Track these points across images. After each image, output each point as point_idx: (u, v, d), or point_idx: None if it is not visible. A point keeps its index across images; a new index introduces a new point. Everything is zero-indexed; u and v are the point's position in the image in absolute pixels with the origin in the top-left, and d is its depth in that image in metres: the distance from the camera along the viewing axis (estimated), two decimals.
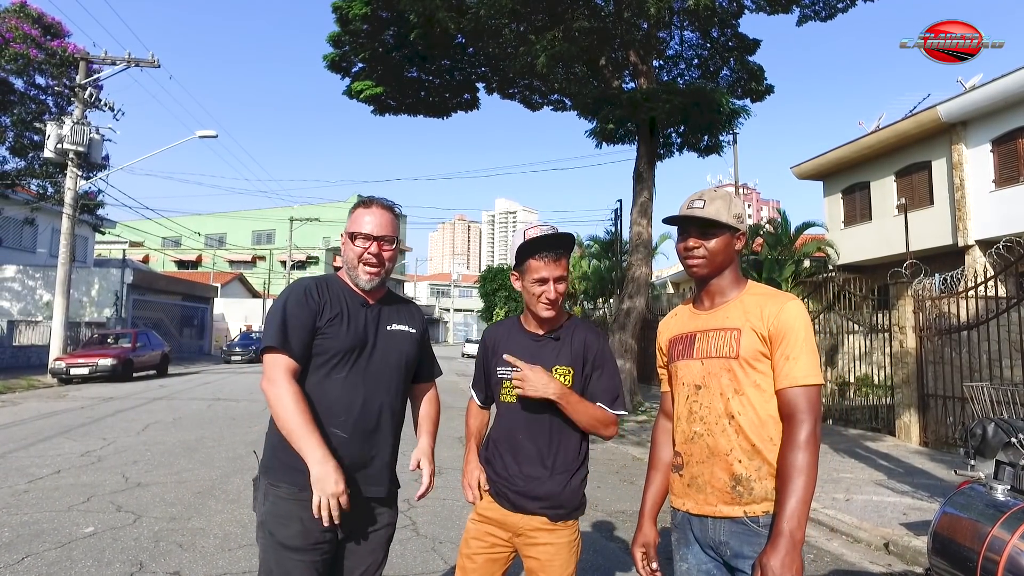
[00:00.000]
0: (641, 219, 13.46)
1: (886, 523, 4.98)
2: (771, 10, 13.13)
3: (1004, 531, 1.70)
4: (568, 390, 1.97)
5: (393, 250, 1.99)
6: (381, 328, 2.00)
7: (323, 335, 1.89)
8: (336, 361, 1.91)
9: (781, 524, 1.53)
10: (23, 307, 24.37)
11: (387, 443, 2.02)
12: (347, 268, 2.00)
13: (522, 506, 2.02)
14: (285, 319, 1.86)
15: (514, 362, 2.00)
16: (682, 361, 1.81)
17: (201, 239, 44.49)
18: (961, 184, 16.50)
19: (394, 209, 2.03)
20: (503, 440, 2.09)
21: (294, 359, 1.85)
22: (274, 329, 1.85)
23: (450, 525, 4.85)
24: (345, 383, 1.91)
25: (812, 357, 1.64)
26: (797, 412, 1.60)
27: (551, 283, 1.98)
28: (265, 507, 1.87)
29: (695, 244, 1.76)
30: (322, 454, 1.75)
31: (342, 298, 1.96)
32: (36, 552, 4.10)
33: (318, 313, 1.89)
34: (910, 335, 8.63)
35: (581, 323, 2.17)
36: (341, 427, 1.90)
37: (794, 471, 1.55)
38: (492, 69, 15.09)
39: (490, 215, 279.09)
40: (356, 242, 1.95)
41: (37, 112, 19.42)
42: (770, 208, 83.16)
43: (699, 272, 1.79)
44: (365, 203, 1.99)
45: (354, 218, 1.97)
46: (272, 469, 1.89)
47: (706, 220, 1.73)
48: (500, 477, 2.07)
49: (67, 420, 10.07)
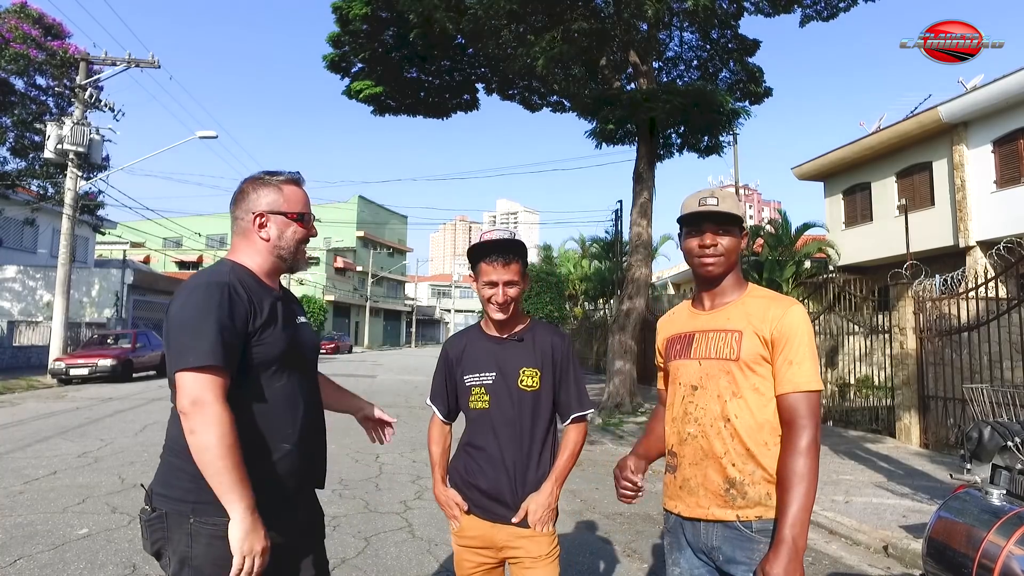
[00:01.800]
0: (641, 220, 13.43)
1: (885, 525, 4.95)
2: (772, 11, 13.10)
3: (999, 537, 1.68)
4: (553, 481, 2.03)
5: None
6: (293, 322, 1.78)
7: (259, 342, 1.64)
8: (275, 368, 1.68)
9: (784, 531, 1.51)
10: (23, 307, 24.39)
11: (324, 439, 1.88)
12: (277, 253, 1.76)
13: (495, 512, 2.05)
14: (221, 329, 1.54)
15: (522, 513, 2.01)
16: (679, 361, 1.79)
17: (202, 240, 44.52)
18: (962, 185, 16.47)
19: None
20: (475, 447, 2.11)
21: (229, 379, 1.56)
22: (209, 343, 1.51)
23: (446, 527, 4.80)
24: (286, 391, 1.70)
25: (813, 363, 1.63)
26: (799, 418, 1.59)
27: (500, 287, 2.03)
28: (194, 550, 1.55)
29: (712, 241, 1.71)
30: (253, 502, 1.51)
31: (260, 294, 1.69)
32: (29, 554, 4.08)
33: (249, 318, 1.62)
34: (910, 336, 8.60)
35: (542, 325, 2.21)
36: (288, 439, 1.69)
37: (796, 477, 1.54)
38: (492, 70, 15.08)
39: (491, 216, 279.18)
40: (302, 223, 1.78)
41: (37, 113, 19.43)
42: (771, 209, 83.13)
43: (714, 271, 1.73)
44: (293, 180, 1.80)
45: (289, 195, 1.77)
46: (202, 504, 1.55)
47: (726, 215, 1.70)
48: (472, 485, 2.09)
49: (65, 421, 10.06)
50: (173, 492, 1.60)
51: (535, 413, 2.07)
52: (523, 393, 2.06)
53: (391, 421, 2.16)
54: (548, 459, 2.08)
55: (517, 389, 2.06)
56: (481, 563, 2.10)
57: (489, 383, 2.10)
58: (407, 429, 9.70)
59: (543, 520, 2.00)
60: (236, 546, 1.49)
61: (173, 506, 1.59)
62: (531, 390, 2.07)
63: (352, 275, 56.02)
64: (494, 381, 2.10)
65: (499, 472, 2.04)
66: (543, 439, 2.09)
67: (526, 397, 2.06)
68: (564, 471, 2.07)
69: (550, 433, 2.12)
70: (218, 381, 1.52)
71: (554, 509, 2.04)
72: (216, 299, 1.57)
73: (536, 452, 2.06)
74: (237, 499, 1.48)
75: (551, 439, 2.12)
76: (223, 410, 1.50)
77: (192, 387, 1.50)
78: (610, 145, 14.23)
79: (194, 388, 1.50)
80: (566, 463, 2.07)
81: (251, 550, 1.49)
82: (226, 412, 1.51)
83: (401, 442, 8.59)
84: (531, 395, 2.07)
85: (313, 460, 1.81)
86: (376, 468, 6.86)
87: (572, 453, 2.08)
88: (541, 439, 2.08)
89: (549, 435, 2.11)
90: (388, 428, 2.19)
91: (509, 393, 2.07)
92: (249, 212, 1.75)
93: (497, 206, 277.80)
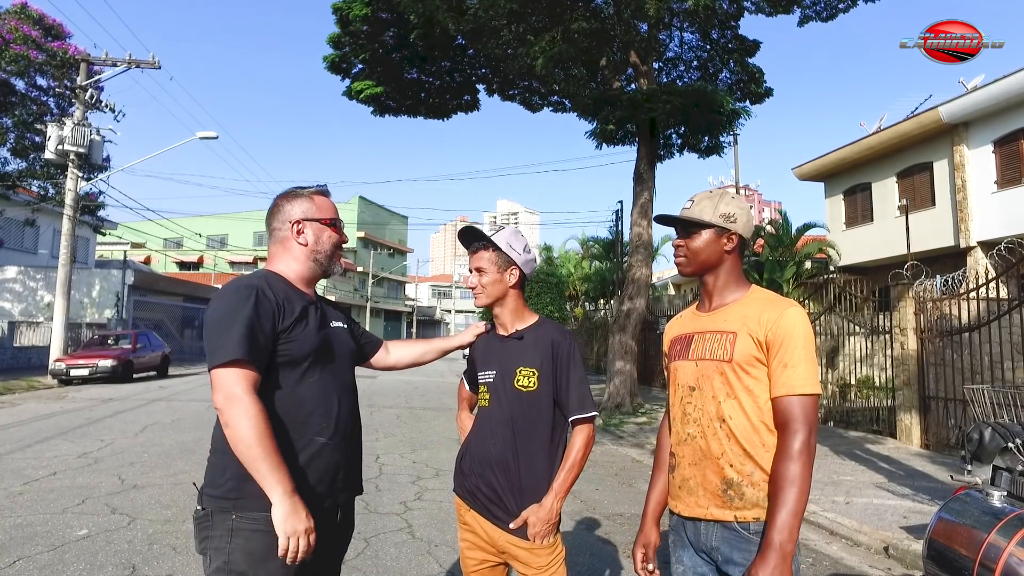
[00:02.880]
0: (641, 220, 13.44)
1: (886, 526, 4.94)
2: (771, 11, 13.10)
3: (1000, 538, 1.67)
4: (554, 496, 1.97)
5: None
6: (327, 325, 1.89)
7: (289, 340, 1.73)
8: (307, 365, 1.76)
9: (771, 536, 1.50)
10: (24, 308, 24.40)
11: (360, 442, 1.94)
12: (314, 257, 1.88)
13: (493, 514, 2.02)
14: (249, 326, 1.64)
15: (520, 521, 1.98)
16: (678, 362, 1.80)
17: (203, 240, 44.54)
18: (963, 185, 16.46)
19: None
20: (475, 445, 2.12)
21: (259, 373, 1.65)
22: (237, 339, 1.60)
23: (446, 528, 4.82)
24: (319, 387, 1.78)
25: (811, 366, 1.61)
26: (792, 421, 1.57)
27: (473, 273, 2.12)
28: (232, 546, 1.61)
29: (677, 244, 1.82)
30: (292, 487, 1.58)
31: (292, 297, 1.81)
32: (28, 555, 4.07)
33: (277, 317, 1.72)
34: (911, 337, 8.59)
35: (548, 324, 2.18)
36: (323, 433, 1.76)
37: (786, 482, 1.53)
38: (492, 70, 15.09)
39: (492, 216, 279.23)
40: (336, 228, 1.91)
41: (38, 113, 19.45)
42: (772, 209, 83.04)
43: (682, 270, 1.83)
44: (322, 191, 1.96)
45: (320, 204, 1.91)
46: (241, 499, 1.63)
47: (686, 220, 1.77)
48: (473, 483, 2.08)
49: (65, 421, 10.06)
50: (217, 490, 1.66)
51: (532, 415, 2.02)
52: (519, 393, 2.03)
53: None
54: (550, 465, 2.02)
55: (513, 389, 2.04)
56: (484, 560, 2.07)
57: (491, 381, 2.10)
58: (407, 430, 9.69)
59: (542, 534, 1.95)
60: (280, 528, 1.55)
61: (217, 504, 1.65)
62: (527, 391, 2.03)
63: (352, 276, 56.02)
64: (494, 379, 2.09)
65: (496, 473, 2.01)
66: (545, 443, 2.02)
67: (522, 398, 2.02)
68: (565, 483, 1.99)
69: (555, 437, 2.05)
70: (247, 374, 1.61)
71: (555, 524, 1.99)
72: (244, 299, 1.68)
73: (535, 456, 2.00)
74: (275, 483, 1.55)
75: (557, 444, 2.05)
76: (254, 402, 1.58)
77: (223, 382, 1.59)
78: (611, 145, 14.26)
79: (225, 383, 1.59)
80: (567, 474, 1.99)
81: (294, 531, 1.55)
82: (257, 404, 1.59)
83: (401, 443, 8.58)
84: (527, 396, 2.02)
85: (349, 458, 1.86)
86: (376, 469, 6.86)
87: (575, 462, 2.00)
88: (542, 443, 2.01)
89: (554, 439, 2.04)
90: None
91: (505, 392, 2.05)
92: (286, 222, 1.87)
93: (497, 207, 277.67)
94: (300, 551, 1.56)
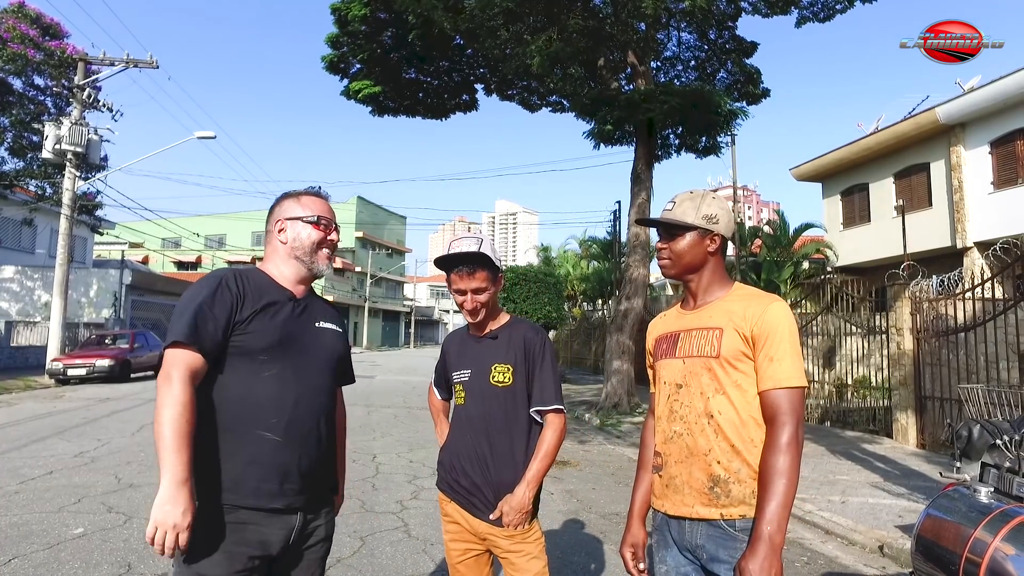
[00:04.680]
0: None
1: (881, 525, 4.95)
2: (769, 12, 13.10)
3: (986, 533, 1.69)
4: (526, 484, 2.05)
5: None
6: (309, 324, 1.87)
7: (245, 331, 1.72)
8: (264, 358, 1.74)
9: (761, 528, 1.51)
10: (21, 308, 24.36)
11: (322, 447, 1.84)
12: (294, 255, 1.87)
13: (474, 505, 2.11)
14: (197, 312, 1.66)
15: (498, 513, 2.07)
16: (665, 360, 1.81)
17: (201, 240, 44.48)
18: (960, 186, 16.49)
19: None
20: (454, 441, 2.20)
21: (203, 356, 1.65)
22: (183, 323, 1.64)
23: (441, 528, 4.82)
24: (275, 381, 1.74)
25: (796, 359, 1.62)
26: (779, 414, 1.59)
27: (469, 294, 2.12)
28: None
29: (660, 246, 1.82)
30: (184, 476, 1.52)
31: (265, 291, 1.80)
32: (24, 554, 4.07)
33: (235, 307, 1.72)
34: (907, 337, 8.61)
35: (521, 322, 2.27)
36: (272, 429, 1.71)
37: (775, 474, 1.53)
38: (490, 70, 15.08)
39: (490, 216, 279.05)
40: (319, 226, 1.89)
41: (36, 113, 19.42)
42: (769, 210, 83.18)
43: (666, 273, 1.84)
44: (313, 192, 1.96)
45: (307, 203, 1.91)
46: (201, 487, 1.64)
47: (667, 223, 1.78)
48: (452, 477, 2.17)
49: (62, 421, 10.05)
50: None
51: (509, 409, 2.12)
52: (494, 389, 2.12)
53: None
54: (526, 457, 2.10)
55: (489, 385, 2.13)
56: (467, 549, 2.17)
57: (466, 380, 2.19)
58: (404, 430, 9.69)
59: (516, 523, 2.04)
60: (152, 514, 1.51)
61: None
62: (503, 386, 2.12)
63: (351, 275, 55.98)
64: (469, 378, 2.18)
65: (474, 466, 2.11)
66: (522, 435, 2.12)
67: (498, 393, 2.12)
68: (538, 472, 2.06)
69: (531, 430, 2.14)
70: (187, 357, 1.63)
71: (528, 511, 2.06)
72: (204, 288, 1.73)
73: (512, 448, 2.10)
74: (169, 467, 1.52)
75: (532, 436, 2.13)
76: (184, 388, 1.59)
77: (164, 363, 1.63)
78: (609, 146, 14.25)
79: (166, 364, 1.63)
80: (539, 464, 2.07)
81: (163, 520, 1.49)
82: (187, 390, 1.59)
83: (398, 442, 8.59)
84: (503, 391, 2.12)
85: (307, 461, 1.77)
86: (373, 468, 6.86)
87: (546, 452, 2.08)
88: (520, 435, 2.11)
89: (531, 432, 2.13)
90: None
91: (481, 389, 2.14)
92: (272, 222, 1.93)
93: (496, 207, 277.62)
94: (168, 547, 1.50)
